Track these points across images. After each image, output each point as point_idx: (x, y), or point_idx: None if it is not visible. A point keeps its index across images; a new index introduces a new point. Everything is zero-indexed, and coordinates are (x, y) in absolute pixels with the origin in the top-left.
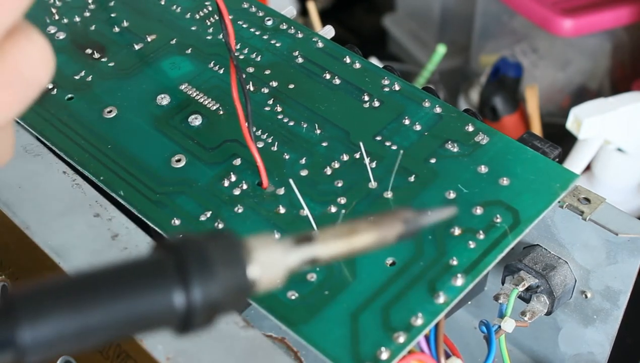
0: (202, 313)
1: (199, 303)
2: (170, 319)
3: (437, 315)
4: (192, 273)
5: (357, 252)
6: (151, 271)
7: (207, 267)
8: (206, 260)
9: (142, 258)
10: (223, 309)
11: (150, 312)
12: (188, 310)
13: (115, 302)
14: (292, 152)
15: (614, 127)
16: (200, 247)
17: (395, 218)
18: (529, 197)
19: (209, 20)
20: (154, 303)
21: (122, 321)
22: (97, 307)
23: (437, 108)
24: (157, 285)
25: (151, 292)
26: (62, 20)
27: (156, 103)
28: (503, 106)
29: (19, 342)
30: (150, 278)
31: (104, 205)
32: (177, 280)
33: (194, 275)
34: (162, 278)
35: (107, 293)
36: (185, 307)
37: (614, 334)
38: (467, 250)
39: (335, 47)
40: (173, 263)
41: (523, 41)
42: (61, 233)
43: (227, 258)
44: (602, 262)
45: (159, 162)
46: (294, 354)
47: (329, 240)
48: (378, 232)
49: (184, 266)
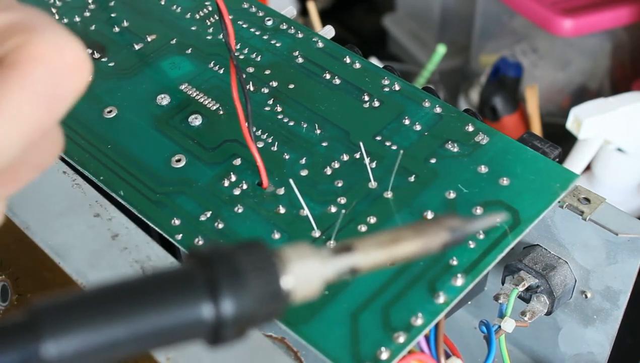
0: (233, 326)
1: (229, 316)
2: (200, 332)
3: (437, 315)
4: (221, 285)
5: (399, 261)
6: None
7: (237, 278)
8: (237, 271)
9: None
10: (256, 321)
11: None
12: (217, 323)
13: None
14: (292, 152)
15: (614, 127)
16: (231, 257)
17: (440, 227)
18: (529, 197)
19: (209, 20)
20: (183, 316)
21: (150, 334)
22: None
23: (437, 108)
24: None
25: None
26: (62, 20)
27: (156, 103)
28: (503, 106)
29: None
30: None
31: (104, 205)
32: (206, 292)
33: (224, 287)
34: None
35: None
36: (215, 319)
37: (614, 334)
38: (467, 250)
39: (335, 47)
40: (203, 274)
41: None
42: (61, 233)
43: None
44: (602, 262)
45: (159, 162)
46: (294, 354)
47: (370, 249)
48: (422, 240)
49: (214, 277)
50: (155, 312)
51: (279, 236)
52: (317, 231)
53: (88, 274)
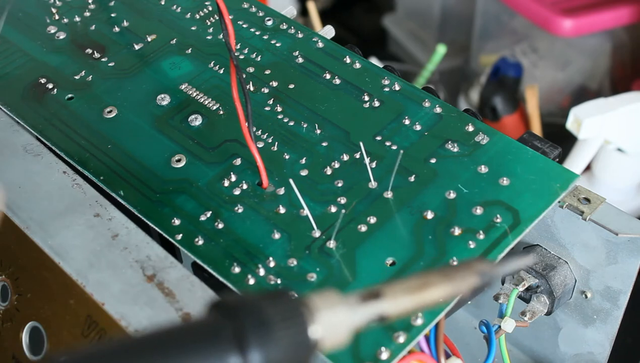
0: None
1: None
2: None
3: (437, 315)
4: (249, 337)
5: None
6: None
7: (265, 329)
8: (264, 323)
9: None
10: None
11: None
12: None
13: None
14: (292, 152)
15: (614, 127)
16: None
17: (469, 271)
18: (529, 197)
19: (209, 20)
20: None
21: None
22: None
23: (437, 108)
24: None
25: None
26: (62, 20)
27: (156, 103)
28: (503, 106)
29: None
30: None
31: (104, 205)
32: (234, 345)
33: (251, 339)
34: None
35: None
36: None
37: (614, 334)
38: (467, 250)
39: (335, 47)
40: (230, 326)
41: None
42: (61, 233)
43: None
44: (602, 262)
45: (159, 162)
46: None
47: (398, 296)
48: (451, 286)
49: (241, 329)
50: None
51: (279, 236)
52: (317, 231)
53: (88, 274)
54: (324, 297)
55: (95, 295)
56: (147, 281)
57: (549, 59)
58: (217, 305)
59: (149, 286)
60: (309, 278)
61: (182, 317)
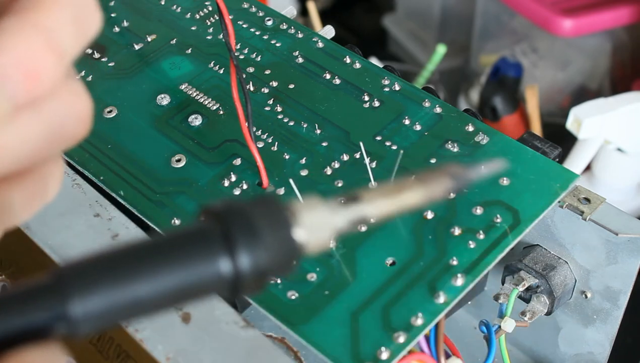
0: (251, 279)
1: (246, 270)
2: (219, 286)
3: (437, 315)
4: (238, 240)
5: (405, 209)
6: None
7: (252, 232)
8: (251, 226)
9: (188, 227)
10: (272, 273)
11: (198, 280)
12: (236, 277)
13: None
14: (292, 152)
15: (614, 127)
16: (245, 212)
17: (442, 175)
18: (529, 197)
19: (209, 20)
20: (201, 272)
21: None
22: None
23: (437, 108)
24: (203, 254)
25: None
26: None
27: (156, 103)
28: (503, 106)
29: (70, 315)
30: (196, 247)
31: (104, 205)
32: (223, 248)
33: (240, 242)
34: (208, 247)
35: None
36: (233, 274)
37: (614, 334)
38: (467, 250)
39: (335, 47)
40: (218, 230)
41: (523, 41)
42: (61, 233)
43: (273, 223)
44: (602, 262)
45: (159, 162)
46: (294, 354)
47: (376, 200)
48: (426, 189)
49: (230, 233)
50: (175, 268)
51: None
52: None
53: None
54: (306, 201)
55: None
56: None
57: (549, 59)
58: (205, 210)
59: None
60: (309, 278)
61: (182, 317)
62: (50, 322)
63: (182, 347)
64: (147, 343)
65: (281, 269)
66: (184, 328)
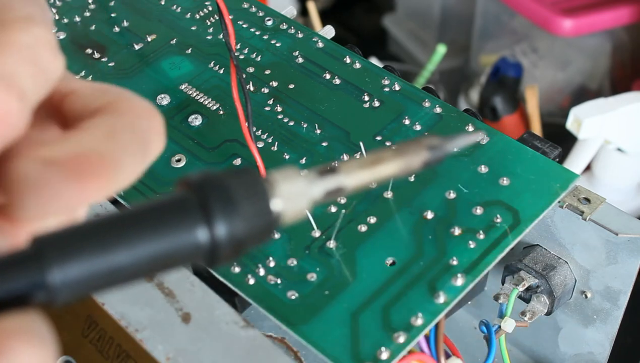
0: (228, 248)
1: (223, 238)
2: (196, 255)
3: (437, 315)
4: (214, 209)
5: (382, 180)
6: (175, 208)
7: (229, 202)
8: (228, 195)
9: (166, 197)
10: (249, 242)
11: (175, 248)
12: (213, 245)
13: (141, 240)
14: (292, 152)
15: (614, 127)
16: (222, 182)
17: (420, 146)
18: (529, 197)
19: (209, 20)
20: (179, 240)
21: (148, 259)
22: (123, 246)
23: (437, 108)
24: (180, 223)
25: (175, 229)
26: (62, 20)
27: (156, 103)
28: (503, 106)
29: (49, 283)
30: (173, 216)
31: (104, 205)
32: (200, 217)
33: (217, 211)
34: (185, 216)
35: (132, 232)
36: (210, 242)
37: (614, 334)
38: (467, 250)
39: (335, 47)
40: (195, 200)
41: (523, 41)
42: None
43: (250, 193)
44: (602, 262)
45: (159, 162)
46: (294, 354)
47: (353, 170)
48: (403, 160)
49: (206, 202)
50: (153, 237)
51: (279, 236)
52: (317, 231)
53: None
54: (283, 172)
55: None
56: (147, 281)
57: (549, 59)
58: (182, 180)
59: (149, 286)
60: (309, 278)
61: (182, 317)
62: (29, 289)
63: (182, 347)
64: (147, 343)
65: (258, 238)
66: (184, 328)
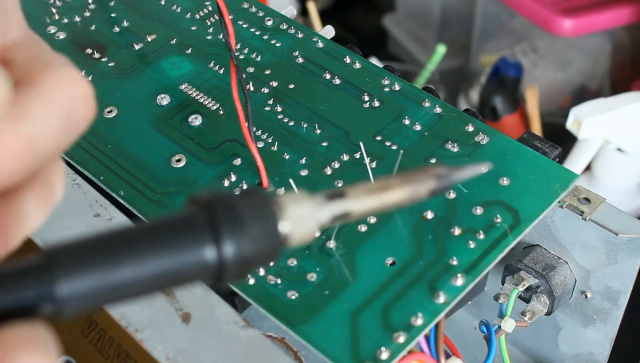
0: (234, 268)
1: (230, 258)
2: (203, 273)
3: (437, 315)
4: (223, 229)
5: (389, 207)
6: (183, 227)
7: (238, 222)
8: (237, 216)
9: (175, 214)
10: (256, 263)
11: (183, 266)
12: (220, 265)
13: (149, 256)
14: (292, 152)
15: (614, 127)
16: (230, 202)
17: (427, 175)
18: (529, 197)
19: (209, 20)
20: (187, 258)
21: (156, 275)
22: (132, 261)
23: (437, 108)
24: (189, 241)
25: (184, 248)
26: (62, 20)
27: (156, 103)
28: (503, 106)
29: (57, 295)
30: (182, 234)
31: (104, 205)
32: (209, 236)
33: (225, 231)
34: (194, 234)
35: (141, 248)
36: (217, 262)
37: (614, 334)
38: (467, 250)
39: (335, 47)
40: (204, 219)
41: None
42: (61, 233)
43: (258, 214)
44: (602, 262)
45: (159, 162)
46: (294, 354)
47: (361, 196)
48: (410, 188)
49: (215, 222)
50: (161, 254)
51: None
52: (317, 231)
53: None
54: (291, 195)
55: None
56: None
57: (549, 59)
58: (192, 199)
59: None
60: (309, 278)
61: (182, 317)
62: (37, 301)
63: (182, 347)
64: (147, 343)
65: (264, 259)
66: (184, 328)
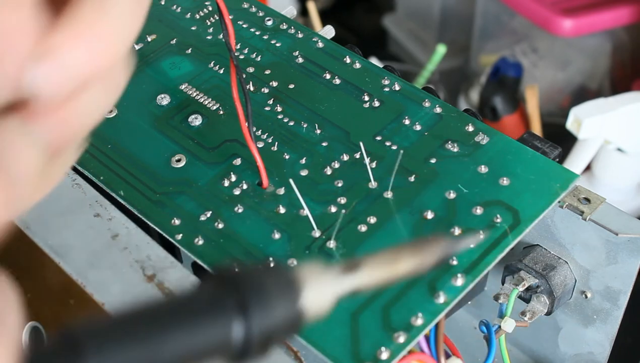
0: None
1: (256, 337)
2: (227, 351)
3: (437, 315)
4: (252, 308)
5: (396, 278)
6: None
7: (265, 300)
8: (265, 296)
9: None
10: (277, 340)
11: (211, 345)
12: (245, 344)
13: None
14: (292, 152)
15: (614, 127)
16: (258, 280)
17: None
18: (529, 197)
19: (209, 20)
20: (215, 336)
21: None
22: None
23: (437, 108)
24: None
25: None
26: None
27: (156, 103)
28: (503, 106)
29: None
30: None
31: (104, 205)
32: (238, 315)
33: (254, 309)
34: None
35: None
36: (243, 340)
37: (614, 334)
38: (467, 250)
39: (335, 47)
40: (233, 298)
41: (523, 41)
42: (61, 233)
43: (283, 293)
44: (602, 262)
45: (159, 162)
46: (294, 354)
47: (374, 269)
48: (419, 260)
49: (244, 299)
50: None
51: (279, 236)
52: (317, 231)
53: (88, 274)
54: (309, 269)
55: (95, 295)
56: (147, 281)
57: (549, 59)
58: (218, 274)
59: (149, 286)
60: None
61: None
62: None
63: None
64: None
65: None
66: None
